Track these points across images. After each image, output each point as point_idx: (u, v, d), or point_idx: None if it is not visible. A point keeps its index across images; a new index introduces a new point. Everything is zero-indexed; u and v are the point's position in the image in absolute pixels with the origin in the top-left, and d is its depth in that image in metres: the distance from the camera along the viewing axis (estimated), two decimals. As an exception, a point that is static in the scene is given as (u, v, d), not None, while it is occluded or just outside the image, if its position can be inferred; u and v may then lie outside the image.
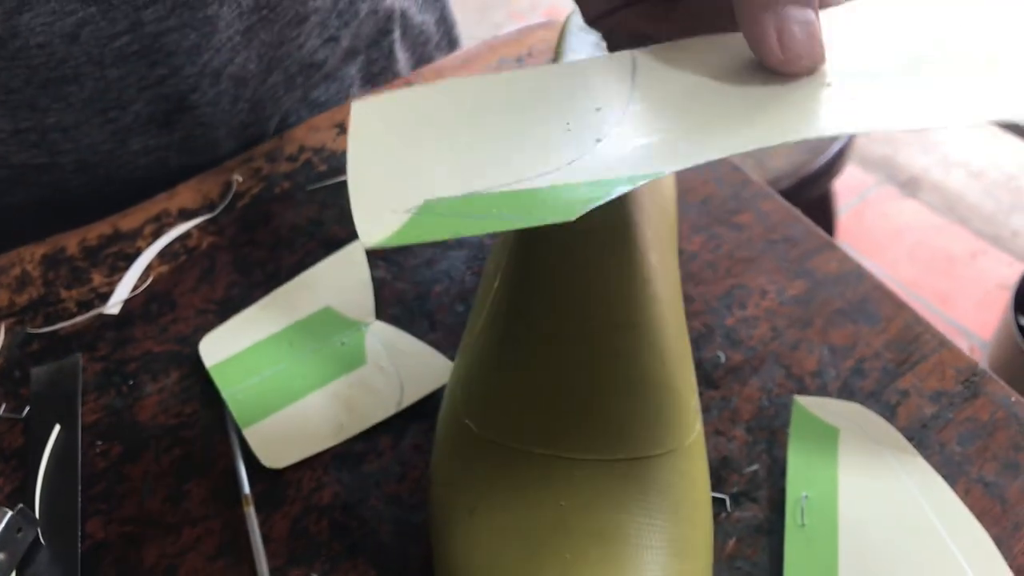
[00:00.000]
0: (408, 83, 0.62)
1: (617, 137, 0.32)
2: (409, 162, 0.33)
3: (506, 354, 0.38)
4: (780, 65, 0.32)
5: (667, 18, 0.37)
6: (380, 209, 0.29)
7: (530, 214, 0.28)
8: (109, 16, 0.48)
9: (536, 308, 0.38)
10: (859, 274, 0.48)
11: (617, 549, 0.35)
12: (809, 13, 0.32)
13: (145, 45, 0.50)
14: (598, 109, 0.34)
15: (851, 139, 1.15)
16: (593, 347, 0.37)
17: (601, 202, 0.27)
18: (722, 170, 0.54)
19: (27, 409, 0.46)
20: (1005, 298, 1.44)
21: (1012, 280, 1.53)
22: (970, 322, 1.61)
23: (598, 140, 0.32)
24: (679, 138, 0.32)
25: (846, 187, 1.71)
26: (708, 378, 0.44)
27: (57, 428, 0.45)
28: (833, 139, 1.11)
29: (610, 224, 0.37)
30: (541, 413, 0.37)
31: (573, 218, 0.26)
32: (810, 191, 1.11)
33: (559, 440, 0.37)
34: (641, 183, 0.29)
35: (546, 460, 0.37)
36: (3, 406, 0.46)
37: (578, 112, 0.34)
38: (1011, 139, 1.95)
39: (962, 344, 1.58)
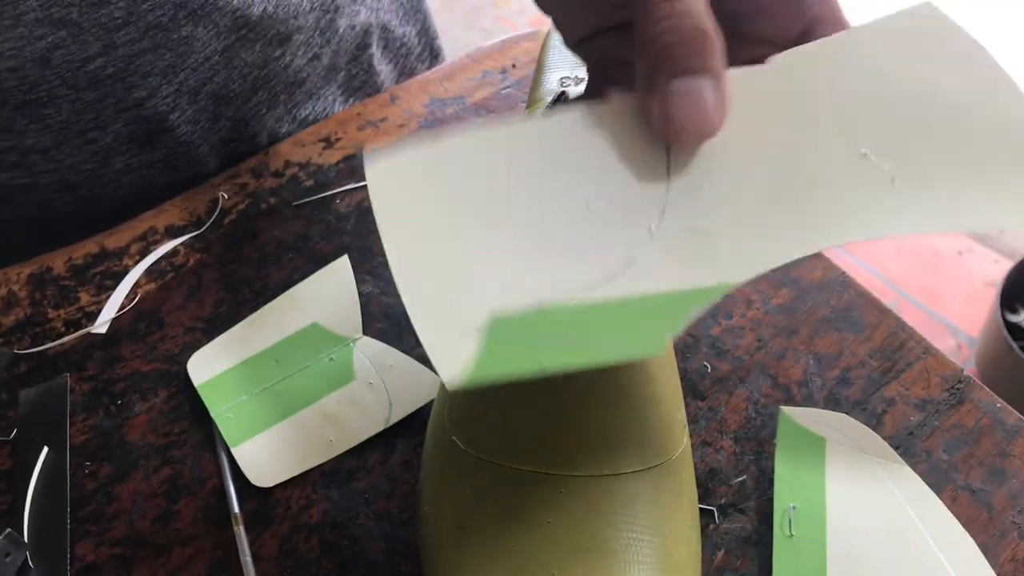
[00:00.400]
0: (392, 96, 0.62)
1: (672, 225, 0.31)
2: (449, 252, 0.30)
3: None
4: (663, 137, 0.32)
5: None
6: (447, 328, 0.27)
7: (616, 344, 0.26)
8: (80, 40, 0.48)
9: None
10: (843, 282, 0.48)
11: (605, 564, 0.35)
12: (697, 82, 0.31)
13: (120, 67, 0.50)
14: (638, 179, 0.32)
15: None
16: (580, 364, 0.37)
17: (684, 327, 0.26)
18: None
19: (15, 431, 0.46)
20: (992, 295, 1.44)
21: (998, 277, 1.54)
22: (958, 319, 1.62)
23: (650, 229, 0.30)
24: (737, 236, 0.30)
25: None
26: (694, 389, 0.45)
27: (45, 450, 0.45)
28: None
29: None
30: (527, 430, 0.37)
31: (657, 353, 0.26)
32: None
33: (545, 457, 0.37)
34: (712, 299, 0.28)
35: (533, 477, 0.37)
36: (-9, 428, 0.46)
37: (617, 183, 0.32)
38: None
39: (950, 342, 1.59)
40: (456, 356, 0.26)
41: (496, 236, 0.30)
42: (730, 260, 0.30)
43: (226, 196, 0.55)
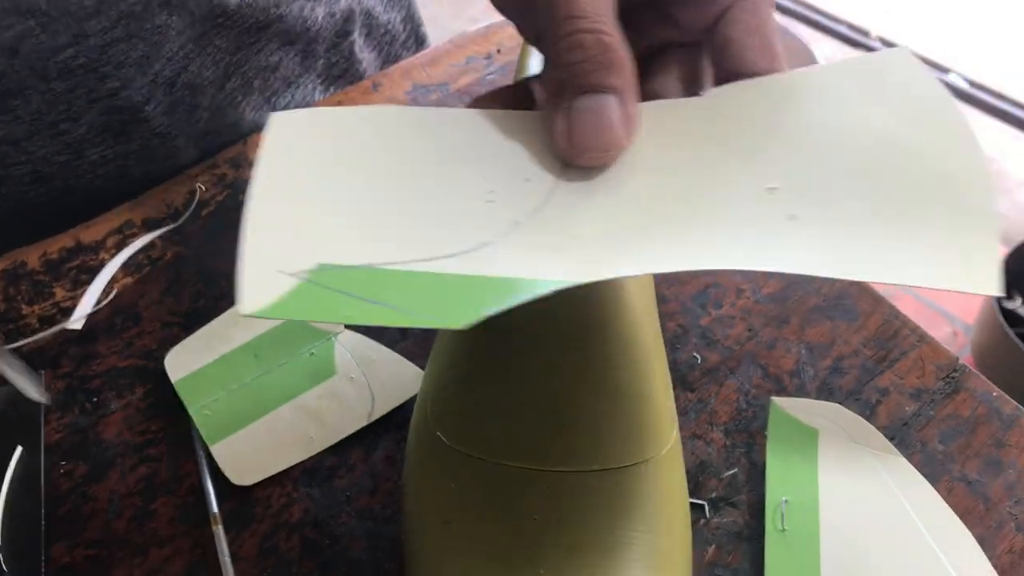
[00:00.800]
0: (374, 84, 0.60)
1: (541, 223, 0.30)
2: (318, 204, 0.30)
3: (475, 364, 0.37)
4: (567, 158, 0.31)
5: None
6: (272, 264, 0.27)
7: (423, 312, 0.27)
8: (50, 29, 0.47)
9: (505, 317, 0.37)
10: (836, 270, 0.47)
11: (593, 563, 0.34)
12: (602, 99, 0.30)
13: (91, 58, 0.49)
14: (527, 180, 0.32)
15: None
16: (565, 356, 0.36)
17: (497, 311, 0.26)
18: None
19: (-12, 430, 0.44)
20: (987, 282, 1.43)
21: (994, 263, 1.53)
22: (953, 307, 1.61)
23: (516, 222, 0.30)
24: (601, 243, 0.30)
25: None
26: (684, 380, 0.44)
27: (19, 449, 0.44)
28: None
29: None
30: (512, 424, 0.36)
31: (460, 327, 0.25)
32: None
33: (531, 452, 0.36)
34: (552, 289, 0.27)
35: (519, 473, 0.36)
36: (-36, 428, 0.45)
37: (505, 179, 0.32)
38: (990, 121, 1.95)
39: (945, 329, 1.58)
40: (263, 288, 0.26)
41: (371, 203, 0.31)
42: (578, 260, 0.29)
43: (203, 188, 0.54)
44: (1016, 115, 1.82)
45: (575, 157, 0.31)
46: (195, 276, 0.50)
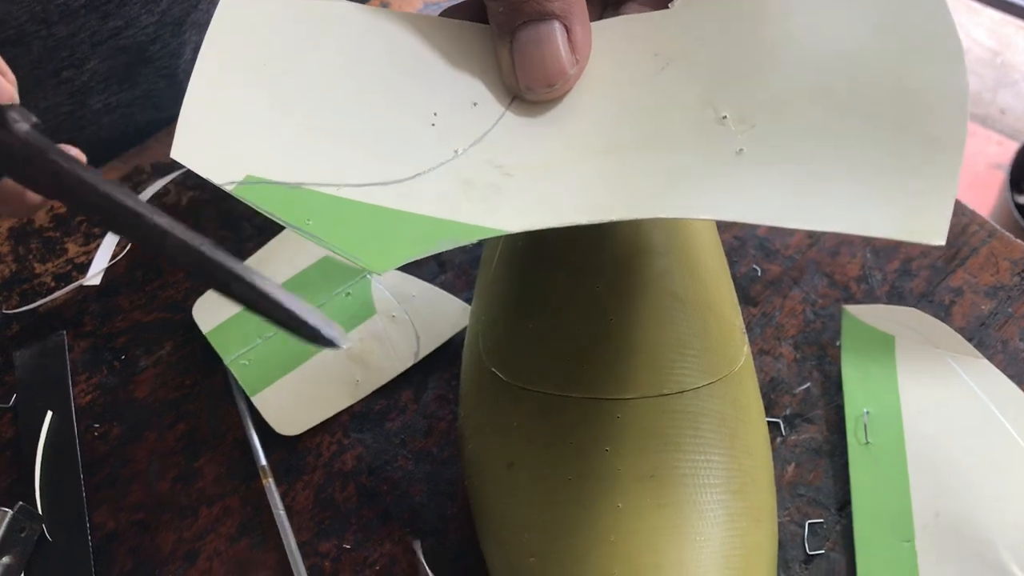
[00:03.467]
0: (383, 4, 0.57)
1: (480, 154, 0.29)
2: (260, 96, 0.29)
3: (528, 292, 0.35)
4: (518, 92, 0.30)
5: None
6: (207, 145, 0.27)
7: (339, 240, 0.25)
8: None
9: (557, 238, 0.34)
10: (895, 167, 0.44)
11: (673, 491, 0.32)
12: (544, 28, 0.29)
13: None
14: (475, 104, 0.30)
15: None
16: (626, 275, 0.34)
17: (412, 259, 0.25)
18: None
19: (14, 396, 0.42)
20: (999, 178, 1.41)
21: (1003, 159, 1.50)
22: (968, 199, 1.58)
23: (456, 152, 0.29)
24: (535, 182, 0.28)
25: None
26: (745, 294, 0.41)
27: (50, 415, 0.41)
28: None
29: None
30: (573, 354, 0.34)
31: (378, 273, 0.24)
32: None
33: (596, 381, 0.33)
34: (475, 239, 0.26)
35: (584, 404, 0.34)
36: (-12, 396, 0.42)
37: (452, 101, 0.30)
38: (992, 12, 1.90)
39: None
40: (198, 154, 0.27)
41: (312, 108, 0.29)
42: (509, 206, 0.27)
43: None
44: (1020, 5, 1.77)
45: (523, 94, 0.30)
46: (215, 221, 0.47)
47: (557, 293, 0.34)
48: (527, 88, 0.29)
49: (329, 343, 0.23)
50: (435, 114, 0.30)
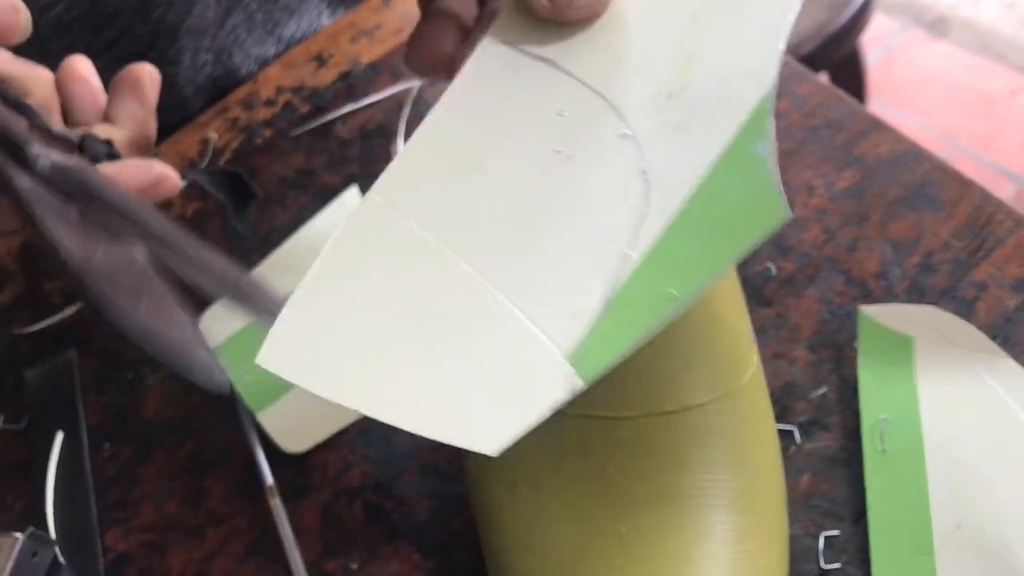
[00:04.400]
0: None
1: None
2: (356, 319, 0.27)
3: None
4: (550, 15, 0.28)
5: None
6: (300, 350, 0.26)
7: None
8: None
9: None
10: (915, 154, 0.42)
11: (678, 514, 0.31)
12: None
13: (85, 9, 0.45)
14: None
15: (874, -15, 1.06)
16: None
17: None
18: (747, 53, 0.48)
19: (27, 419, 0.42)
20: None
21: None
22: (1015, 164, 1.53)
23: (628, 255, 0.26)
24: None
25: (869, 38, 1.61)
26: (759, 295, 0.40)
27: (60, 435, 0.41)
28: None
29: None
30: (575, 370, 0.33)
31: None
32: (837, 51, 1.03)
33: (597, 398, 0.32)
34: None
35: (586, 422, 0.33)
36: (2, 417, 0.43)
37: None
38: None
39: (1008, 189, 1.51)
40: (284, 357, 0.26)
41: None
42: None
43: (216, 135, 0.50)
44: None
45: (559, 13, 0.28)
46: (219, 232, 0.47)
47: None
48: (558, 8, 0.28)
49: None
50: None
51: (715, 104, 0.26)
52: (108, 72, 0.48)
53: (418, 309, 0.26)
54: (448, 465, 0.38)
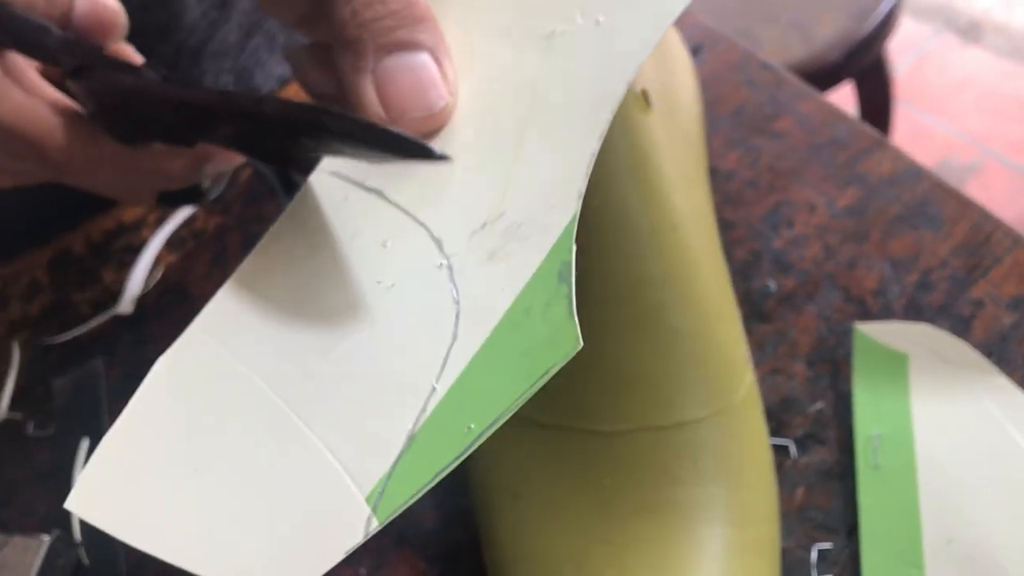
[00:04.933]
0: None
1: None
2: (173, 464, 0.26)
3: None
4: (387, 123, 0.27)
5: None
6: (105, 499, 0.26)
7: None
8: None
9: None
10: (916, 173, 0.43)
11: (671, 526, 0.32)
12: (414, 57, 0.27)
13: None
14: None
15: (903, -10, 1.06)
16: (620, 308, 0.33)
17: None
18: (753, 71, 0.49)
19: (55, 426, 0.44)
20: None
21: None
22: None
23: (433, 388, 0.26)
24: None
25: (900, 43, 1.61)
26: (758, 311, 0.41)
27: (86, 442, 0.43)
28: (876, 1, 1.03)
29: (621, 171, 0.33)
30: (571, 384, 0.34)
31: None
32: (862, 59, 1.03)
33: (593, 412, 0.34)
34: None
35: (582, 436, 0.34)
36: (31, 424, 0.45)
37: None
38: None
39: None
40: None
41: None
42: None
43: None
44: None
45: (394, 123, 0.27)
46: (240, 246, 0.48)
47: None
48: (401, 114, 0.27)
49: (439, 157, 0.24)
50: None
51: (526, 232, 0.26)
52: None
53: (229, 449, 0.26)
54: (454, 479, 0.40)
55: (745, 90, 0.48)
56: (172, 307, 0.47)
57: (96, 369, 0.46)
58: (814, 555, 0.35)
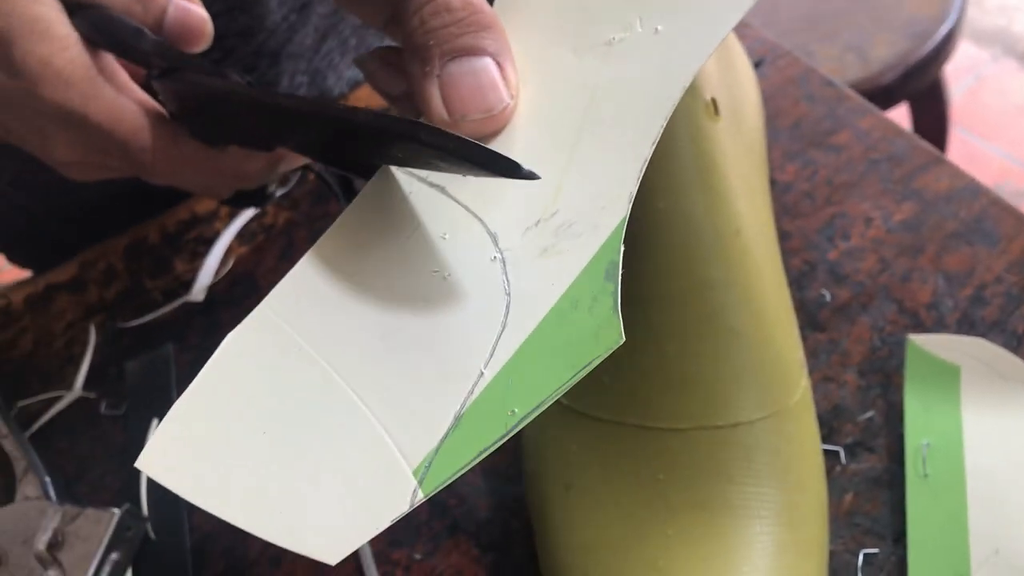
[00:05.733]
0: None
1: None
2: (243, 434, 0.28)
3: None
4: (449, 125, 0.29)
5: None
6: (185, 460, 0.27)
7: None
8: None
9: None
10: (973, 189, 0.44)
11: (722, 522, 0.33)
12: (477, 62, 0.28)
13: None
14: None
15: (962, 15, 1.06)
16: (683, 309, 0.35)
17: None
18: (813, 86, 0.50)
19: (126, 406, 0.46)
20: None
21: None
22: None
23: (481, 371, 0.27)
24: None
25: (958, 67, 1.60)
26: (813, 320, 0.42)
27: (155, 422, 0.45)
28: (940, 20, 1.03)
29: (688, 176, 0.34)
30: (631, 382, 0.35)
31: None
32: (919, 81, 1.03)
33: (651, 410, 0.35)
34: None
35: (639, 432, 0.35)
36: (104, 404, 0.47)
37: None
38: None
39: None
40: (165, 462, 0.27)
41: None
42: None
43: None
44: None
45: (456, 124, 0.29)
46: (307, 241, 0.50)
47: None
48: (462, 116, 0.29)
49: (528, 175, 0.25)
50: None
51: (578, 230, 0.27)
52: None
53: (290, 420, 0.27)
54: (507, 467, 0.41)
55: (805, 104, 0.49)
56: (241, 297, 0.49)
57: (167, 353, 0.47)
58: (860, 560, 0.36)
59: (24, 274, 0.58)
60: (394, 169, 0.31)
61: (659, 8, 0.30)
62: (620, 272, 0.26)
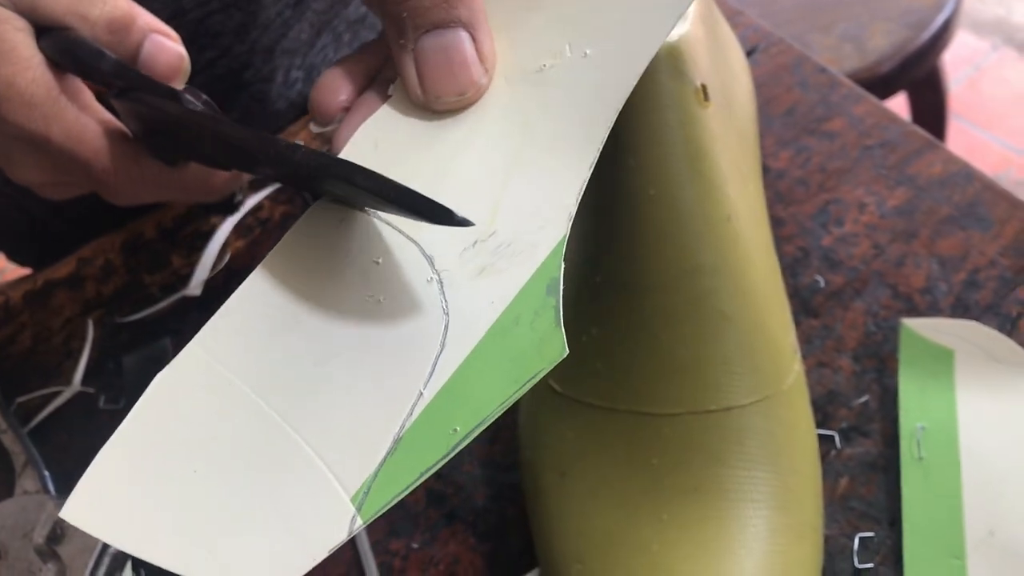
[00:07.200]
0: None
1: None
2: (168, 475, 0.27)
3: (582, 307, 0.36)
4: (425, 103, 0.29)
5: None
6: (109, 512, 0.26)
7: None
8: (146, 7, 0.47)
9: (609, 257, 0.36)
10: (966, 174, 0.44)
11: (716, 506, 0.33)
12: (450, 35, 0.28)
13: (190, 31, 0.48)
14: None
15: (959, 3, 1.06)
16: (674, 295, 0.35)
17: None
18: (806, 72, 0.50)
19: (123, 400, 0.46)
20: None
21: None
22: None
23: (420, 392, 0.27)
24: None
25: (957, 57, 1.60)
26: (807, 306, 0.42)
27: (154, 416, 0.45)
28: (937, 9, 1.03)
29: (678, 162, 0.34)
30: (624, 368, 0.35)
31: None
32: (916, 70, 1.03)
33: (644, 395, 0.35)
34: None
35: (632, 417, 0.35)
36: (102, 398, 0.47)
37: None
38: None
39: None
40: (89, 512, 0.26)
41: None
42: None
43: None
44: None
45: (430, 104, 0.29)
46: (303, 234, 0.50)
47: (605, 312, 0.36)
48: (436, 98, 0.29)
49: (461, 222, 0.25)
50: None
51: (516, 249, 0.28)
52: (209, 86, 0.52)
53: (221, 458, 0.27)
54: (503, 457, 0.41)
55: (798, 91, 0.49)
56: (237, 290, 0.49)
57: (164, 347, 0.48)
58: (856, 543, 0.36)
59: (25, 272, 0.58)
60: (327, 199, 0.31)
61: (587, 34, 0.30)
62: (562, 287, 0.26)
